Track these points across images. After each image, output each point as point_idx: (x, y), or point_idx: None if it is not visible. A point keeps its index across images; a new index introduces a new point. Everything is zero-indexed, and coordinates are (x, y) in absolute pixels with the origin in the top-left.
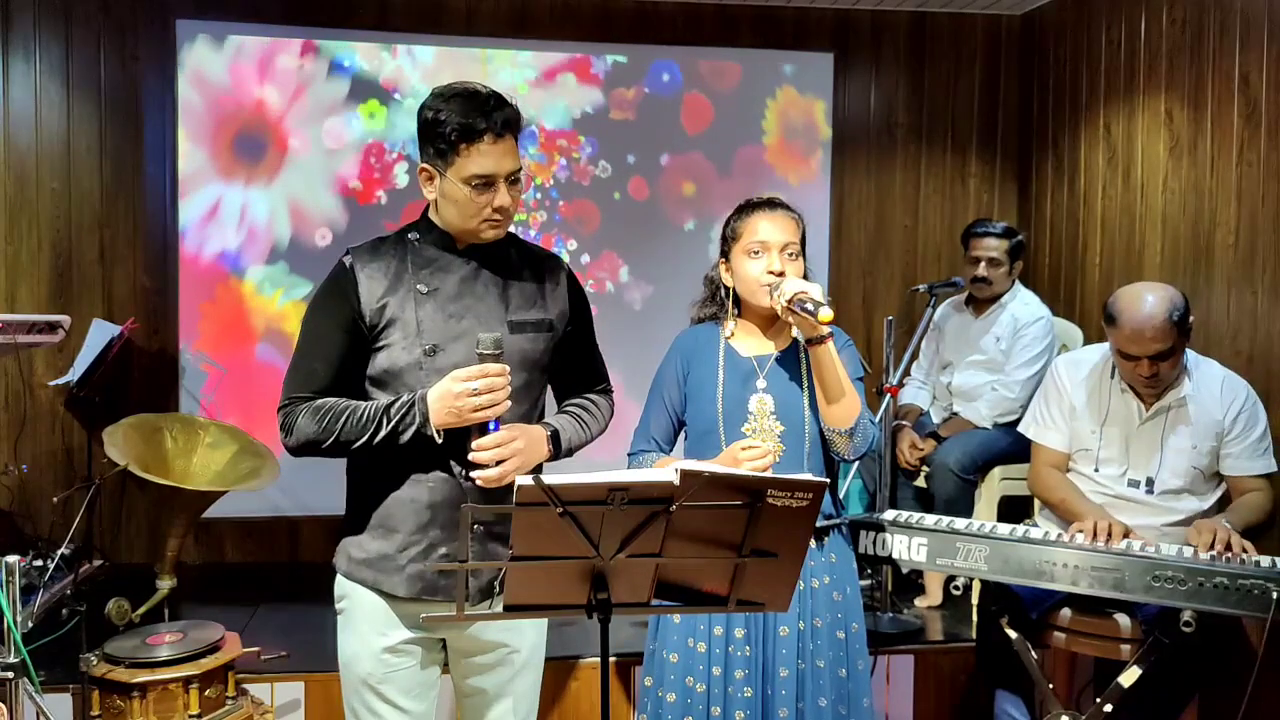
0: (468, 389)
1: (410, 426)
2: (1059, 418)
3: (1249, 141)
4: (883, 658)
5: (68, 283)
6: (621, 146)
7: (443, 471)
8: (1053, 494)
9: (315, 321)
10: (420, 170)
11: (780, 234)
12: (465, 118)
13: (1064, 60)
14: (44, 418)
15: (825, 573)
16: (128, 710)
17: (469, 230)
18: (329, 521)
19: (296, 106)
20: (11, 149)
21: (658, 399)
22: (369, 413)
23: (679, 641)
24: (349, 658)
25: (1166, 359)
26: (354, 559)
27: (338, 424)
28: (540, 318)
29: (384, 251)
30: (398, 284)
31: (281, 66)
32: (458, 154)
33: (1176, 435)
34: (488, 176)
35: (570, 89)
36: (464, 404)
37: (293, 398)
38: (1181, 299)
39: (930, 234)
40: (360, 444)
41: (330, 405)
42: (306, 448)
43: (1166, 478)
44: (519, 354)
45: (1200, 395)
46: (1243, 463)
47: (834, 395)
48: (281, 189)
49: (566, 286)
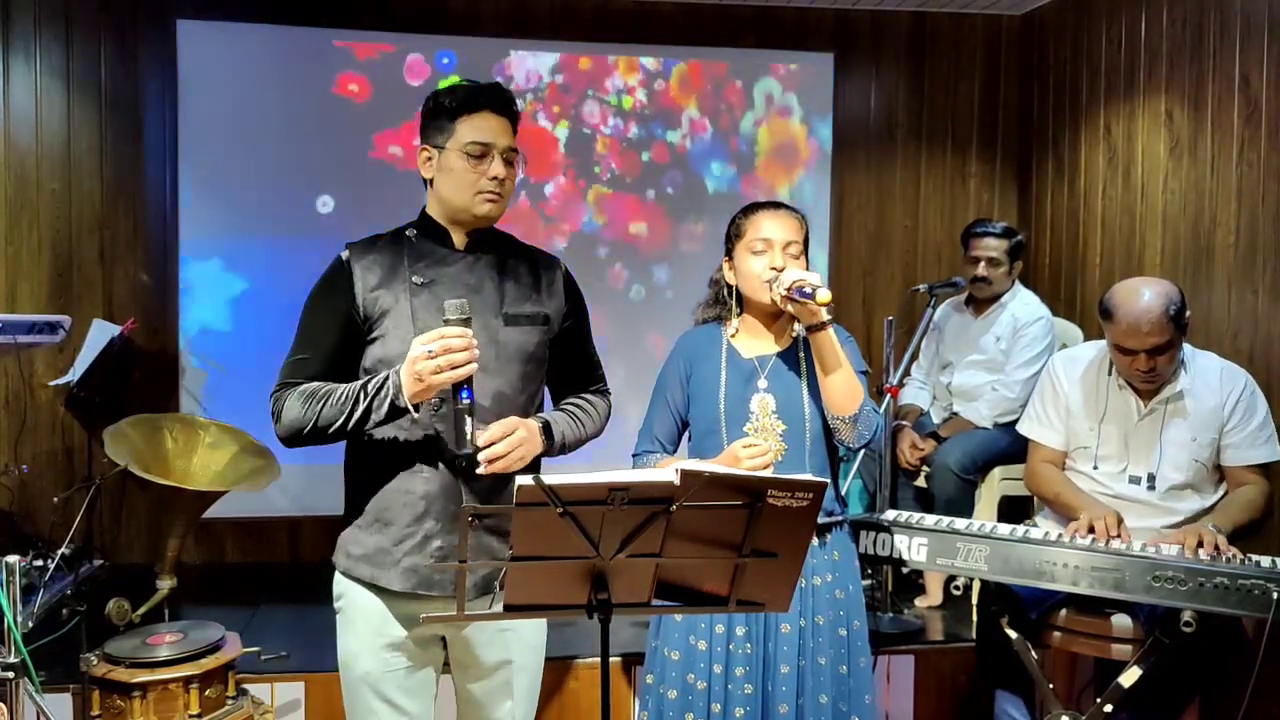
0: (424, 352)
1: (385, 401)
2: (1055, 416)
3: (1249, 141)
4: (883, 658)
5: (68, 283)
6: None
7: (436, 462)
8: (1048, 489)
9: (310, 313)
10: (420, 151)
11: (783, 232)
12: (467, 94)
13: (1064, 60)
14: (44, 418)
15: (827, 570)
16: (128, 710)
17: (465, 205)
18: (329, 521)
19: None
20: (12, 149)
21: (661, 400)
22: (349, 392)
23: (680, 639)
24: (347, 656)
25: (1163, 353)
26: (351, 555)
27: (320, 405)
28: (535, 311)
29: (380, 246)
30: (393, 276)
31: (289, 65)
32: (456, 122)
33: (1175, 429)
34: (485, 145)
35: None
36: (422, 368)
37: (284, 383)
38: (1178, 293)
39: (930, 234)
40: (341, 424)
41: (315, 388)
42: (294, 433)
43: (1168, 472)
44: (514, 347)
45: (1197, 387)
46: (1243, 452)
47: (837, 380)
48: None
49: (563, 284)
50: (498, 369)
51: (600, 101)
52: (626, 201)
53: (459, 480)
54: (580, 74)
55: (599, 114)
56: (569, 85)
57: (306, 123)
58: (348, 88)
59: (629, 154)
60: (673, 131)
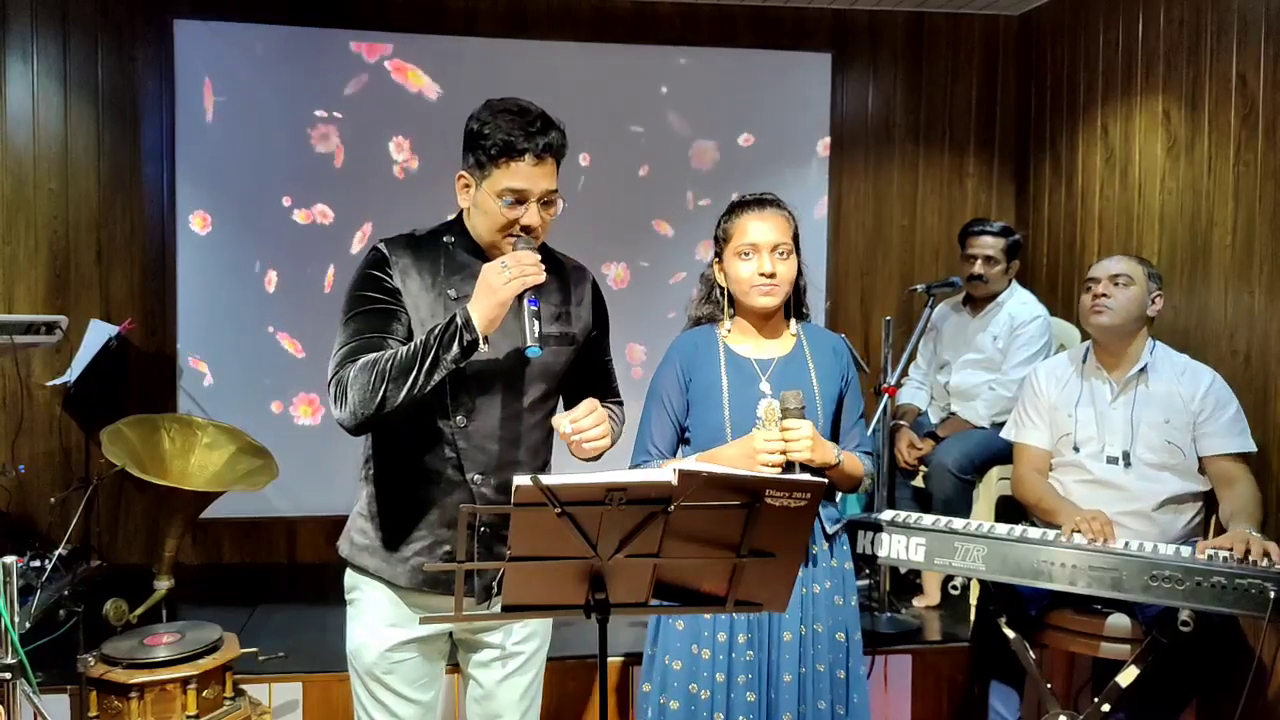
0: (498, 266)
1: (454, 340)
2: (1037, 415)
3: (1246, 141)
4: (880, 658)
5: (65, 283)
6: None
7: (455, 474)
8: (1030, 494)
9: (356, 302)
10: (459, 177)
11: (770, 234)
12: (509, 135)
13: (1062, 60)
14: (41, 418)
15: (827, 578)
16: (125, 711)
17: (495, 244)
18: (327, 522)
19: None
20: (9, 149)
21: (658, 407)
22: (414, 345)
23: (682, 648)
24: (356, 648)
25: (1122, 286)
26: (357, 544)
27: (388, 365)
28: (563, 331)
29: (418, 248)
30: (430, 285)
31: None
32: (496, 167)
33: (1147, 409)
34: (520, 193)
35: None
36: (495, 279)
37: (341, 363)
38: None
39: (928, 234)
40: (412, 379)
41: (376, 356)
42: (364, 403)
43: (1142, 451)
44: (541, 366)
45: (1162, 369)
46: (1219, 440)
47: (850, 487)
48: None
49: (591, 299)
50: (521, 388)
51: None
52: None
53: (474, 492)
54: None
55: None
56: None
57: (306, 122)
58: (347, 87)
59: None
60: (671, 130)
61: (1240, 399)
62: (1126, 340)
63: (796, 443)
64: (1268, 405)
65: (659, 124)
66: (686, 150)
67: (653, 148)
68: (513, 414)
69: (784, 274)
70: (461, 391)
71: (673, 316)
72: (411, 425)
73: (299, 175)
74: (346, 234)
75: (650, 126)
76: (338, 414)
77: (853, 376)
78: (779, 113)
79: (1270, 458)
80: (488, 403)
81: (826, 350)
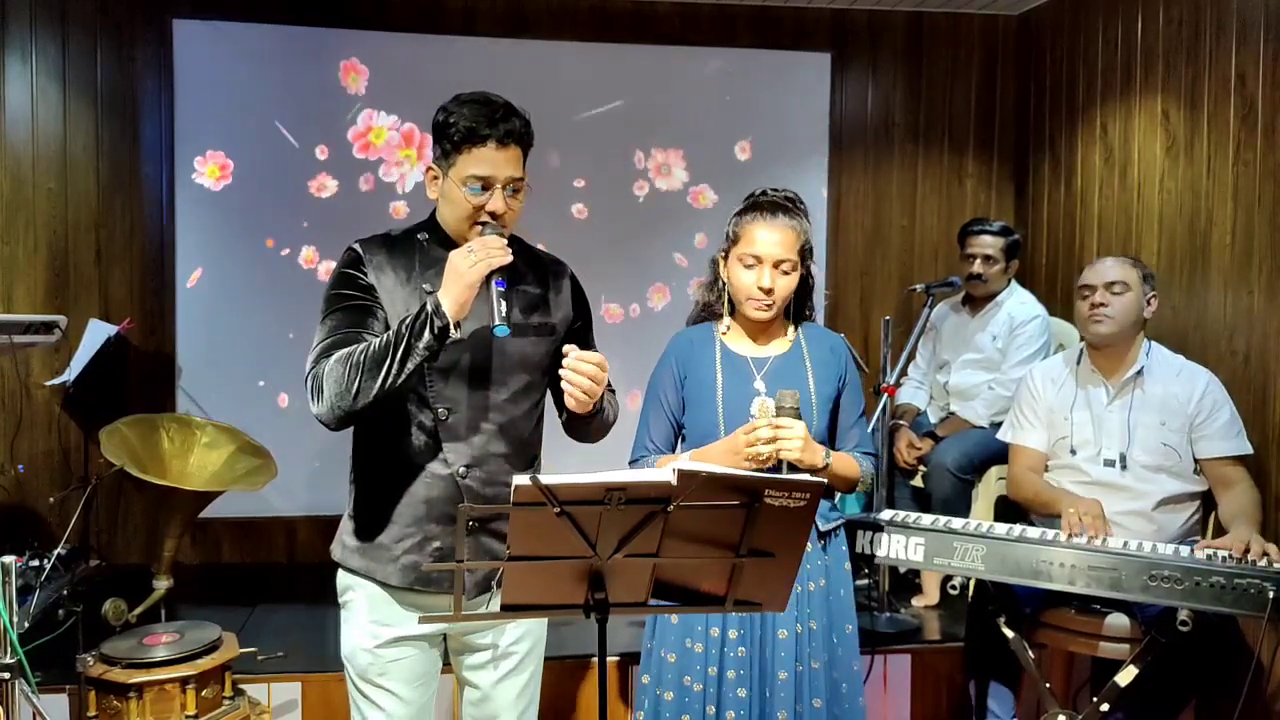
0: (464, 252)
1: (425, 327)
2: (1034, 417)
3: (1245, 141)
4: (880, 657)
5: (64, 283)
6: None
7: (440, 468)
8: (1027, 490)
9: (334, 300)
10: (427, 170)
11: (775, 248)
12: (472, 121)
13: (1061, 60)
14: (40, 418)
15: (822, 575)
16: (124, 711)
17: (463, 234)
18: (326, 522)
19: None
20: (8, 149)
21: (655, 404)
22: (387, 336)
23: (676, 642)
24: (351, 649)
25: (1119, 294)
26: (347, 546)
27: (362, 357)
28: (542, 322)
29: (392, 246)
30: (405, 280)
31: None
32: (459, 154)
33: (1143, 412)
34: (485, 179)
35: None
36: (461, 263)
37: (318, 359)
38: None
39: (927, 234)
40: (385, 369)
41: (351, 349)
42: (340, 396)
43: (1138, 453)
44: (519, 357)
45: (1158, 371)
46: (1217, 444)
47: (844, 488)
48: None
49: (570, 292)
50: (501, 379)
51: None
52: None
53: (460, 485)
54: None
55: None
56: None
57: (304, 122)
58: (346, 87)
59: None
60: (670, 131)
61: (1239, 399)
62: (1124, 345)
63: (789, 441)
64: (1267, 406)
65: (659, 124)
66: (687, 150)
67: (653, 147)
68: (494, 405)
69: (782, 291)
70: (441, 385)
71: (666, 301)
72: (394, 421)
73: (298, 176)
74: (345, 235)
75: (650, 126)
76: (315, 409)
77: (851, 376)
78: (778, 113)
79: (1270, 458)
80: (468, 395)
81: (824, 350)
